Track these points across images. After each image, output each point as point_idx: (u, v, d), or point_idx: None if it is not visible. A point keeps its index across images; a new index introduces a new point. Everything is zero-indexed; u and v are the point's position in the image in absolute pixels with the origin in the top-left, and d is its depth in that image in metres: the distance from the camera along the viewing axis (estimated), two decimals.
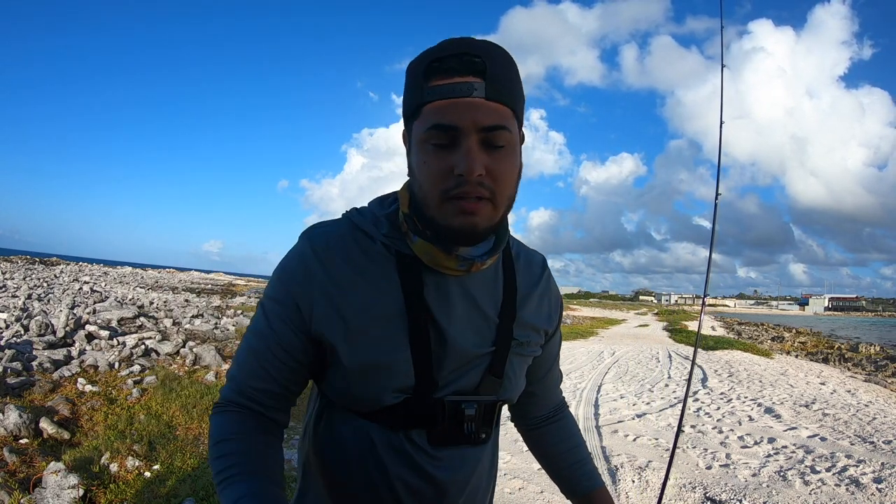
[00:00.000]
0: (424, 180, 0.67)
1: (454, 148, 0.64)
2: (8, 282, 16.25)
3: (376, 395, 0.72)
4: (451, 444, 0.76)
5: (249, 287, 34.19)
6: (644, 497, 3.31)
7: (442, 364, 0.74)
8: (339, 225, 0.75)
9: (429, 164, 0.65)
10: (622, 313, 47.90)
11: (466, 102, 0.63)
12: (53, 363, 5.04)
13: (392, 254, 0.73)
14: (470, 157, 0.63)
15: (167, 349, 6.28)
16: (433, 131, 0.64)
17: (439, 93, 0.64)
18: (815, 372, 9.79)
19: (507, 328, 0.78)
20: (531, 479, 3.50)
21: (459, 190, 0.64)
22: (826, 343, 19.74)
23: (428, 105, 0.65)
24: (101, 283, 20.90)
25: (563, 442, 0.97)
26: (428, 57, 0.66)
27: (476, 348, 0.75)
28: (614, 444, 4.34)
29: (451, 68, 0.64)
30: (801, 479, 3.64)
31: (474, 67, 0.64)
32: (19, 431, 3.41)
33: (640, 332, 21.61)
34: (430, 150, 0.65)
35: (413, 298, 0.72)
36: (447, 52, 0.65)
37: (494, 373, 0.77)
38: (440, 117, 0.64)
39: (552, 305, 0.87)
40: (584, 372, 8.49)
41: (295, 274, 0.72)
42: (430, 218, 0.68)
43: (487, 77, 0.64)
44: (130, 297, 14.56)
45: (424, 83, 0.65)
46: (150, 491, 2.88)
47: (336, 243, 0.73)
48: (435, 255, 0.71)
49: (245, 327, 9.98)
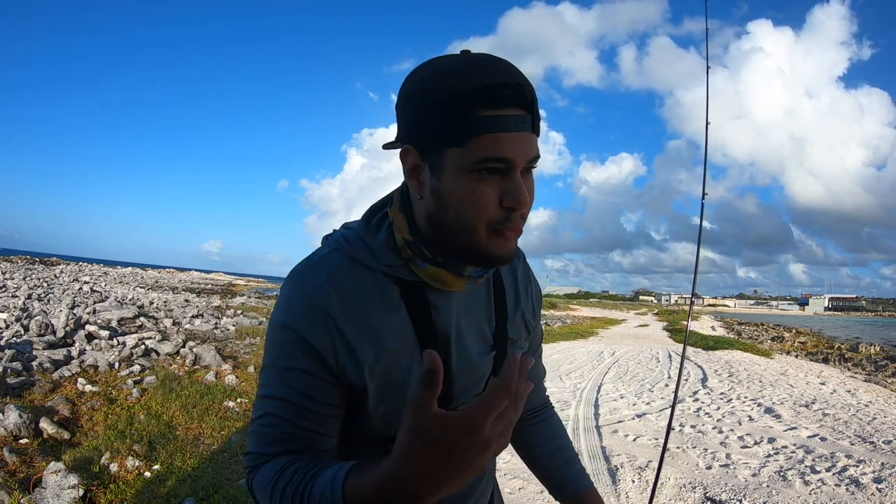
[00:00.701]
0: (469, 210, 0.65)
1: (500, 177, 0.64)
2: (8, 282, 16.25)
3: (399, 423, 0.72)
4: None
5: (249, 287, 34.20)
6: (644, 497, 3.31)
7: (456, 381, 0.75)
8: (330, 259, 0.71)
9: (476, 194, 0.64)
10: (622, 313, 47.90)
11: (520, 137, 0.63)
12: (53, 363, 5.04)
13: (393, 282, 0.71)
14: (521, 191, 0.64)
15: (167, 349, 6.28)
16: (485, 163, 0.63)
17: (496, 125, 0.62)
18: (815, 372, 9.79)
19: (502, 330, 0.80)
20: (531, 478, 3.50)
21: (509, 223, 0.65)
22: (826, 343, 19.74)
23: (480, 136, 0.62)
24: (101, 283, 20.91)
25: (550, 442, 0.96)
26: (477, 81, 0.62)
27: (482, 357, 0.77)
28: (614, 444, 4.34)
29: (503, 98, 0.62)
30: (801, 479, 3.65)
31: (524, 100, 0.63)
32: (19, 431, 3.41)
33: (640, 332, 21.61)
34: (476, 181, 0.64)
35: (423, 325, 0.72)
36: (496, 79, 0.62)
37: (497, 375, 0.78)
38: (497, 150, 0.62)
39: (535, 298, 0.88)
40: (584, 372, 8.49)
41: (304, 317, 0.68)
42: (465, 247, 0.67)
43: (532, 109, 0.64)
44: (130, 297, 14.56)
45: (471, 109, 0.62)
46: (150, 491, 2.88)
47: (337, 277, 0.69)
48: (445, 279, 0.71)
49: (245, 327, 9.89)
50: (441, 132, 0.63)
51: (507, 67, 0.64)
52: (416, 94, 0.65)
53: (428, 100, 0.63)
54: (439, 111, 0.63)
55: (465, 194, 0.64)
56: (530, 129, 0.64)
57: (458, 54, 0.66)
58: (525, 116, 0.63)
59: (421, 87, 0.65)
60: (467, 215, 0.65)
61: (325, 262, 0.71)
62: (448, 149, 0.64)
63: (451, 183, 0.65)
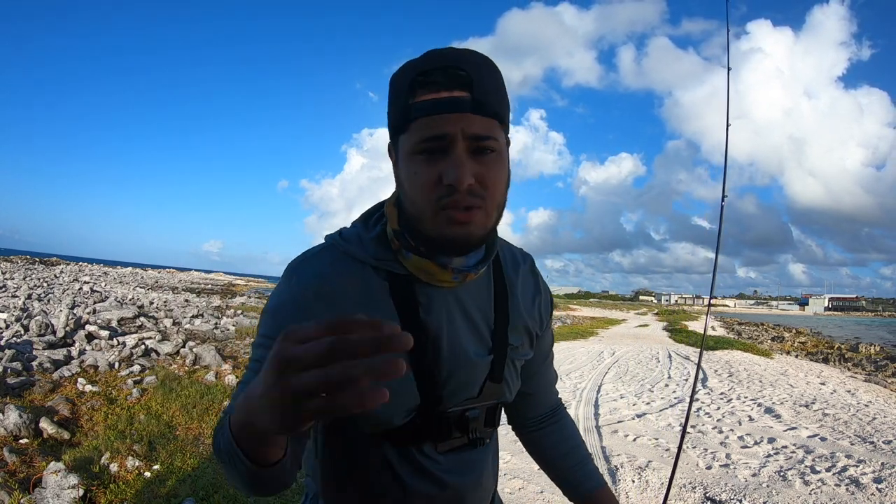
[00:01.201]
0: (415, 192, 0.66)
1: (443, 157, 0.64)
2: (8, 282, 16.25)
3: (385, 419, 0.73)
4: (460, 449, 0.78)
5: (249, 287, 34.20)
6: (644, 497, 3.31)
7: (445, 380, 0.75)
8: (323, 255, 0.73)
9: (418, 174, 0.65)
10: (622, 313, 47.91)
11: (455, 116, 0.63)
12: (53, 363, 5.04)
13: (383, 277, 0.72)
14: (460, 166, 0.63)
15: (167, 349, 6.28)
16: (421, 143, 0.64)
17: (426, 108, 0.63)
18: (815, 372, 9.79)
19: (502, 334, 0.79)
20: (531, 479, 3.50)
21: (451, 199, 0.64)
22: (826, 343, 19.75)
23: (416, 120, 0.64)
24: (101, 283, 20.90)
25: (563, 443, 0.96)
26: (412, 70, 0.65)
27: (476, 358, 0.76)
28: (614, 444, 4.34)
29: (437, 82, 0.63)
30: (801, 479, 3.64)
31: (461, 81, 0.63)
32: (19, 431, 3.41)
33: (640, 332, 21.61)
34: (419, 161, 0.65)
35: (410, 320, 0.71)
36: (432, 64, 0.64)
37: (494, 379, 0.78)
38: (428, 131, 0.63)
39: (543, 305, 0.87)
40: (584, 372, 8.49)
41: (289, 312, 0.70)
42: (424, 230, 0.68)
43: (474, 90, 0.63)
44: (130, 297, 14.56)
45: (410, 97, 0.64)
46: (150, 491, 2.88)
47: (325, 275, 0.71)
48: (430, 271, 0.70)
49: (245, 327, 9.91)
50: (393, 122, 0.68)
51: (446, 54, 0.65)
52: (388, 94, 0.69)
53: (389, 97, 0.68)
54: (391, 103, 0.68)
55: (411, 177, 0.66)
56: (469, 109, 0.63)
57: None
58: (463, 98, 0.63)
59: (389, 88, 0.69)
60: (415, 196, 0.66)
61: (317, 257, 0.73)
62: (399, 136, 0.67)
63: (403, 168, 0.68)
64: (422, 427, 0.74)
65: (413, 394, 0.72)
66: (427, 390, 0.73)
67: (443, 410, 0.75)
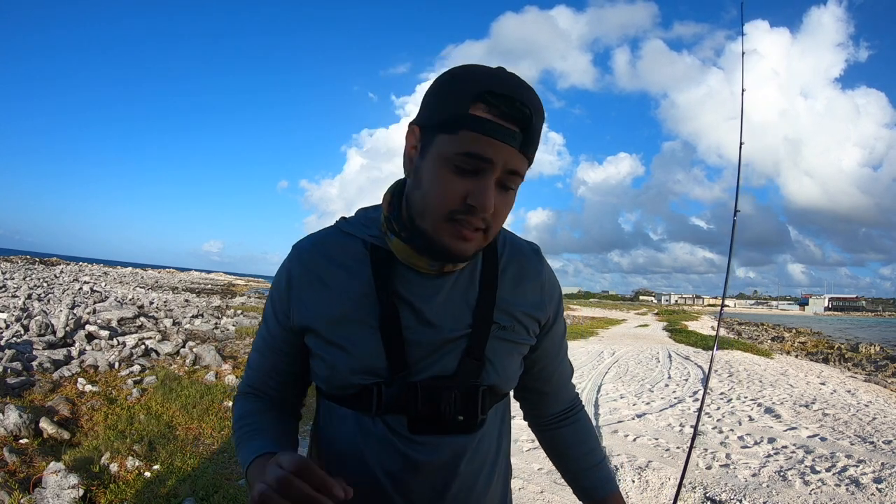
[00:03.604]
0: (433, 195, 0.69)
1: (474, 176, 0.67)
2: (8, 282, 16.25)
3: (345, 378, 0.75)
4: (432, 431, 0.76)
5: (249, 287, 34.19)
6: (644, 497, 3.31)
7: (414, 347, 0.74)
8: (324, 231, 0.83)
9: (446, 182, 0.68)
10: (622, 313, 47.89)
11: (505, 147, 0.66)
12: (53, 363, 5.04)
13: (368, 249, 0.78)
14: (488, 195, 0.67)
15: (167, 349, 6.28)
16: (464, 157, 0.66)
17: (483, 127, 0.65)
18: (815, 372, 9.79)
19: (484, 312, 0.78)
20: (531, 479, 3.50)
21: (466, 217, 0.68)
22: (826, 343, 19.74)
23: (469, 131, 0.66)
24: (101, 283, 20.90)
25: (579, 445, 0.95)
26: (481, 82, 0.66)
27: (450, 332, 0.76)
28: (614, 444, 4.34)
29: (502, 109, 0.66)
30: (801, 479, 3.65)
31: (520, 117, 0.66)
32: (19, 431, 3.41)
33: (640, 332, 21.61)
34: (450, 170, 0.67)
35: (382, 283, 0.75)
36: (502, 88, 0.66)
37: (473, 356, 0.76)
38: (477, 148, 0.66)
39: (545, 292, 0.85)
40: (584, 372, 8.49)
41: (281, 278, 0.82)
42: (423, 229, 0.71)
43: (526, 130, 0.67)
44: (130, 297, 14.56)
45: (470, 106, 0.66)
46: (150, 491, 2.88)
47: (317, 245, 0.80)
48: (407, 254, 0.74)
49: (245, 327, 9.94)
50: (441, 118, 0.68)
51: (519, 85, 0.68)
52: (438, 84, 0.71)
53: (444, 90, 0.69)
54: (447, 100, 0.68)
55: (436, 180, 0.68)
56: (516, 145, 0.67)
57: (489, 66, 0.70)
58: (517, 133, 0.67)
59: (444, 80, 0.70)
60: (432, 199, 0.69)
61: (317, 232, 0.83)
62: (440, 134, 0.68)
63: (430, 165, 0.69)
64: (387, 393, 0.74)
65: (378, 354, 0.74)
66: (393, 353, 0.74)
67: (411, 380, 0.74)
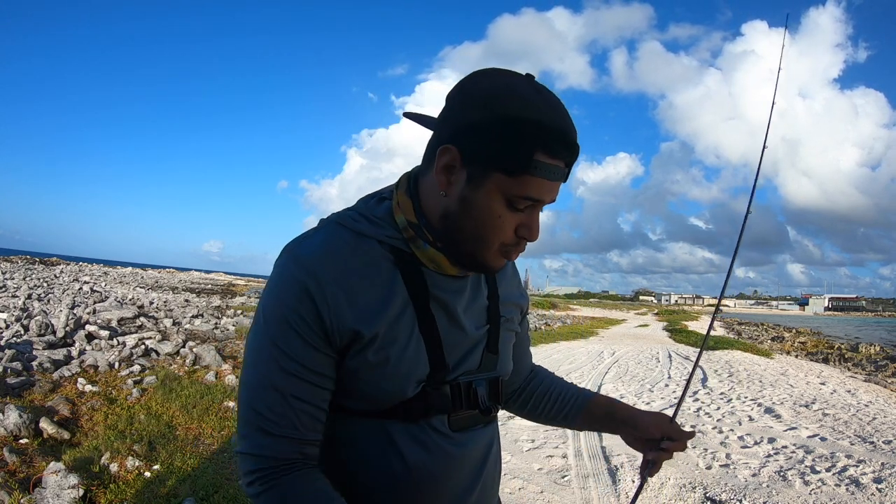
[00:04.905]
0: (488, 228, 0.72)
1: (524, 212, 0.72)
2: (8, 282, 16.24)
3: (399, 390, 0.75)
4: (471, 425, 0.82)
5: (249, 287, 34.17)
6: (644, 497, 3.31)
7: (451, 349, 0.79)
8: (321, 234, 0.74)
9: (502, 219, 0.72)
10: (622, 313, 47.89)
11: (556, 185, 0.72)
12: (53, 363, 5.04)
13: (387, 250, 0.75)
14: (537, 227, 0.74)
15: (167, 349, 6.28)
16: (524, 200, 0.70)
17: (546, 172, 0.69)
18: (815, 372, 9.79)
19: (495, 307, 0.86)
20: (531, 479, 3.50)
21: (516, 247, 0.75)
22: (826, 343, 19.74)
23: (530, 176, 0.68)
24: (101, 283, 20.90)
25: (547, 386, 1.05)
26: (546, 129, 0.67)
27: (476, 329, 0.82)
28: (614, 444, 4.33)
29: (560, 153, 0.69)
30: (801, 479, 3.65)
31: (571, 156, 0.71)
32: (19, 431, 3.41)
33: (640, 332, 21.61)
34: (506, 206, 0.71)
35: (417, 291, 0.76)
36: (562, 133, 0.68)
37: (491, 350, 0.84)
38: (538, 193, 0.70)
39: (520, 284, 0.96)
40: (584, 372, 8.49)
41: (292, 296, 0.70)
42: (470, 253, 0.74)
43: (570, 165, 0.72)
44: (130, 297, 14.56)
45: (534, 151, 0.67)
46: (150, 491, 2.88)
47: (328, 253, 0.72)
48: (441, 262, 0.76)
49: (245, 327, 9.89)
50: (497, 155, 0.67)
51: (570, 122, 0.70)
52: (481, 104, 0.67)
53: (493, 118, 0.66)
54: (501, 137, 0.66)
55: (492, 215, 0.71)
56: (563, 180, 0.73)
57: (526, 78, 0.69)
58: (565, 171, 0.72)
59: (486, 101, 0.67)
60: (486, 232, 0.72)
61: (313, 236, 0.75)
62: (495, 172, 0.68)
63: (484, 200, 0.70)
64: (431, 397, 0.77)
65: (423, 363, 0.76)
66: (435, 359, 0.77)
67: (451, 380, 0.79)
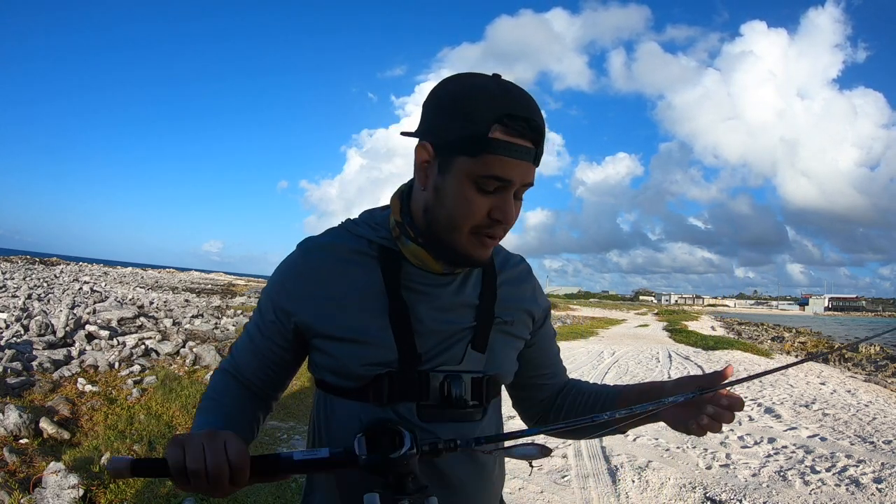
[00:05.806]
0: (460, 213, 0.74)
1: (495, 193, 0.73)
2: (8, 282, 16.24)
3: (358, 367, 0.77)
4: (441, 418, 0.80)
5: (249, 287, 34.16)
6: (644, 497, 3.31)
7: (424, 338, 0.79)
8: (330, 232, 0.85)
9: (471, 201, 0.73)
10: (622, 313, 47.88)
11: (522, 164, 0.73)
12: (53, 363, 5.04)
13: (376, 249, 0.81)
14: (510, 209, 0.75)
15: (167, 349, 6.28)
16: (487, 179, 0.72)
17: (506, 150, 0.71)
18: (815, 372, 9.79)
19: (487, 307, 0.85)
20: (531, 479, 3.50)
21: (490, 230, 0.76)
22: (826, 343, 19.73)
23: (491, 155, 0.71)
24: (101, 283, 20.89)
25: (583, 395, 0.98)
26: (498, 106, 0.70)
27: (457, 324, 0.82)
28: (614, 444, 4.33)
29: (520, 131, 0.71)
30: (801, 479, 3.65)
31: (534, 133, 0.72)
32: (19, 431, 3.41)
33: (640, 332, 21.61)
34: (475, 190, 0.73)
35: (391, 279, 0.79)
36: (517, 110, 0.71)
37: (477, 347, 0.82)
38: (501, 171, 0.72)
39: (536, 291, 0.94)
40: (584, 372, 8.49)
41: (285, 274, 0.83)
42: (447, 240, 0.76)
43: (538, 144, 0.73)
44: (130, 297, 14.55)
45: (490, 130, 0.70)
46: (150, 491, 2.88)
47: (324, 245, 0.83)
48: (423, 258, 0.79)
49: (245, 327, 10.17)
50: (460, 142, 0.72)
51: (529, 102, 0.73)
52: (447, 103, 0.74)
53: (456, 111, 0.72)
54: (463, 123, 0.71)
55: (461, 198, 0.74)
56: (532, 160, 0.73)
57: (491, 77, 0.74)
58: (531, 149, 0.73)
59: (452, 98, 0.73)
60: (458, 216, 0.74)
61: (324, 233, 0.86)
62: (460, 156, 0.72)
63: (453, 185, 0.74)
64: (399, 382, 0.77)
65: (390, 348, 0.77)
66: (404, 346, 0.78)
67: (422, 369, 0.78)
